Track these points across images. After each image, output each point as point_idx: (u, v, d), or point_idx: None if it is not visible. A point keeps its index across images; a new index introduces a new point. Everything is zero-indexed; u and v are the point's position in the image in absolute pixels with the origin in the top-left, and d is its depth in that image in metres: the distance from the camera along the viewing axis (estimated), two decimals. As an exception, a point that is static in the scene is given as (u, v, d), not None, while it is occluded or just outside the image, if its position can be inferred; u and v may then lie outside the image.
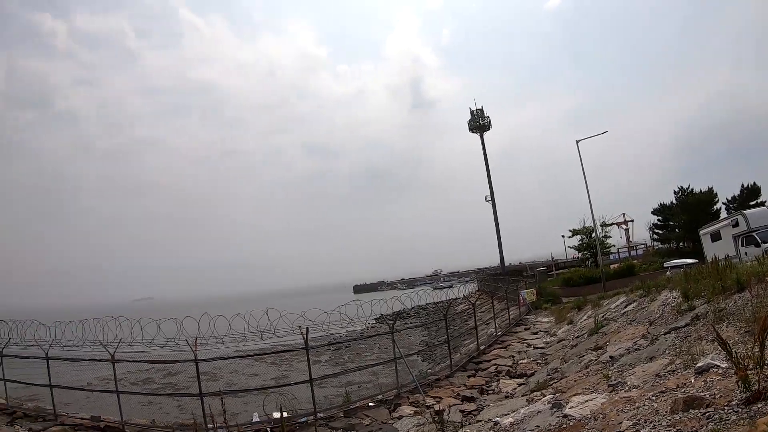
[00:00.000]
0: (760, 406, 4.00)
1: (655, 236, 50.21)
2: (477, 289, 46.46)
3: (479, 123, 57.36)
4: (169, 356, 13.56)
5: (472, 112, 57.70)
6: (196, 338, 12.58)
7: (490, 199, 55.31)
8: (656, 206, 49.20)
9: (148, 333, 13.92)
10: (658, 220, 49.06)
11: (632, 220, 50.07)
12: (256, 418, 12.65)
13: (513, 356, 17.30)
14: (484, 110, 57.59)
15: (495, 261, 63.29)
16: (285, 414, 11.90)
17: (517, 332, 21.93)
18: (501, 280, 38.97)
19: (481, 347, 18.66)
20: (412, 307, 32.39)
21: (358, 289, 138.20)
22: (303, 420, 12.20)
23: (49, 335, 15.56)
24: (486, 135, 57.56)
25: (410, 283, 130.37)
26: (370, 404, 13.32)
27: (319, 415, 12.42)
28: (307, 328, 12.66)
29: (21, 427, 14.03)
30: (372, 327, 28.61)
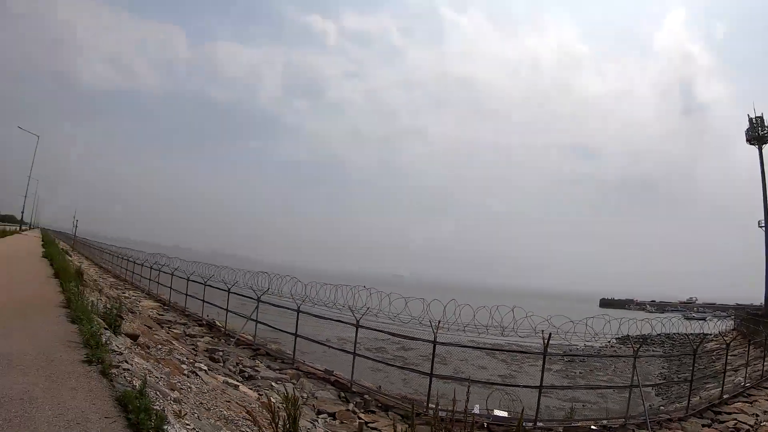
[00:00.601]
0: None
1: None
2: (733, 327, 41.17)
3: (758, 133, 51.36)
4: (409, 332, 14.42)
5: (750, 120, 52.01)
6: (439, 321, 13.29)
7: (764, 225, 49.08)
8: None
9: (395, 307, 15.02)
10: None
11: None
12: (476, 410, 12.84)
13: (757, 415, 15.55)
14: (765, 118, 51.37)
15: (758, 298, 56.09)
16: (506, 413, 12.44)
17: (768, 388, 19.64)
18: (762, 323, 34.53)
19: (725, 396, 17.21)
20: (658, 334, 30.84)
21: (605, 303, 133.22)
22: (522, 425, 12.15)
23: (304, 292, 17.80)
24: (765, 148, 50.95)
25: (660, 307, 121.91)
26: (593, 427, 13.16)
27: (539, 424, 12.53)
28: (550, 334, 12.75)
29: (261, 363, 16.50)
30: (611, 346, 27.96)
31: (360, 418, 12.58)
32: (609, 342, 22.49)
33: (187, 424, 5.55)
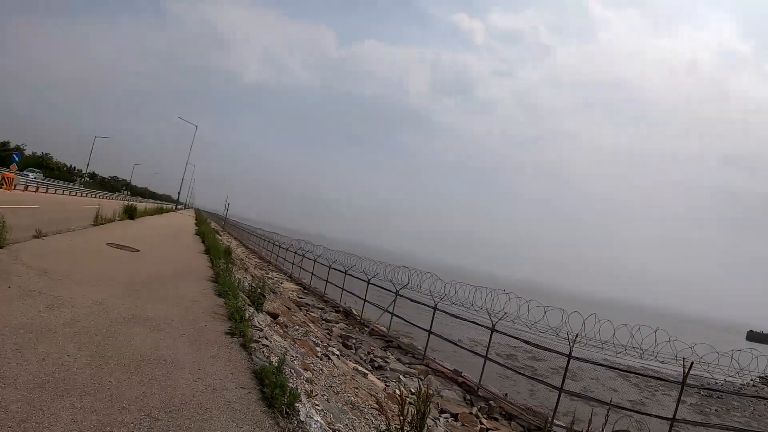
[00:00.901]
0: None
1: None
2: None
3: None
4: (543, 342, 14.35)
5: None
6: (577, 335, 13.23)
7: None
8: None
9: (533, 315, 15.09)
10: None
11: None
12: None
13: None
14: None
15: None
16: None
17: None
18: None
19: None
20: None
21: (753, 336, 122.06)
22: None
23: (443, 290, 18.27)
24: None
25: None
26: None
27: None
28: (692, 363, 12.24)
29: (392, 355, 17.28)
30: (754, 385, 25.25)
31: (482, 423, 12.58)
32: (752, 380, 19.91)
33: (317, 405, 5.72)
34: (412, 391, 12.65)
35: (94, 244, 12.85)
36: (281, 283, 29.29)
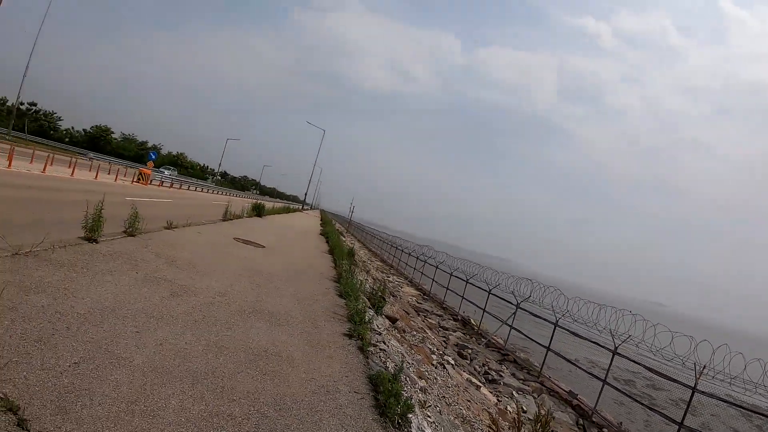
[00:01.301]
0: None
1: None
2: None
3: None
4: (666, 371, 13.79)
5: None
6: (704, 367, 12.56)
7: None
8: None
9: (659, 340, 14.58)
10: None
11: None
12: None
13: None
14: None
15: None
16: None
17: None
18: None
19: None
20: None
21: None
22: None
23: (566, 306, 18.02)
24: None
25: None
26: None
27: None
28: None
29: (506, 369, 17.27)
30: None
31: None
32: None
33: (428, 416, 5.70)
34: (524, 409, 12.52)
35: (222, 237, 13.57)
36: (401, 287, 30.17)
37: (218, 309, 6.15)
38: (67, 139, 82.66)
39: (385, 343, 7.40)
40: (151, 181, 38.72)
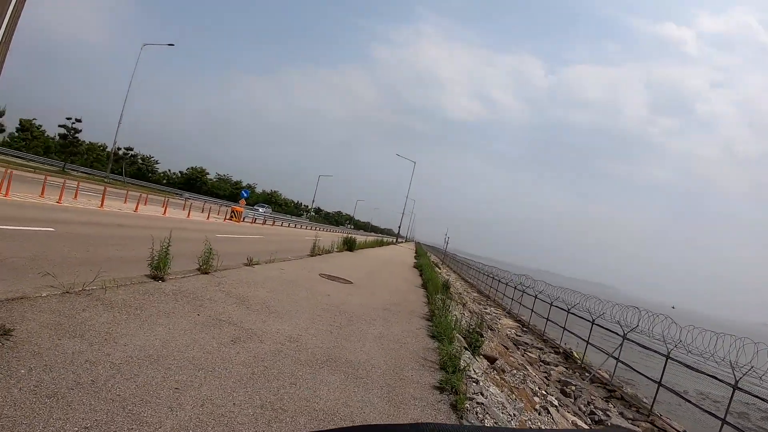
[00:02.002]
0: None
1: None
2: None
3: None
4: None
5: None
6: None
7: None
8: None
9: None
10: None
11: None
12: None
13: None
14: None
15: None
16: None
17: None
18: None
19: None
20: None
21: None
22: None
23: (679, 336, 16.64)
24: None
25: None
26: None
27: None
28: None
29: (614, 407, 16.16)
30: None
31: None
32: None
33: None
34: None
35: (306, 274, 13.04)
36: (499, 320, 29.49)
37: (285, 358, 5.32)
38: (164, 181, 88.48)
39: (482, 393, 6.39)
40: (243, 218, 40.11)
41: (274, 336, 6.02)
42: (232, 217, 38.72)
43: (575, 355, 22.80)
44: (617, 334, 19.41)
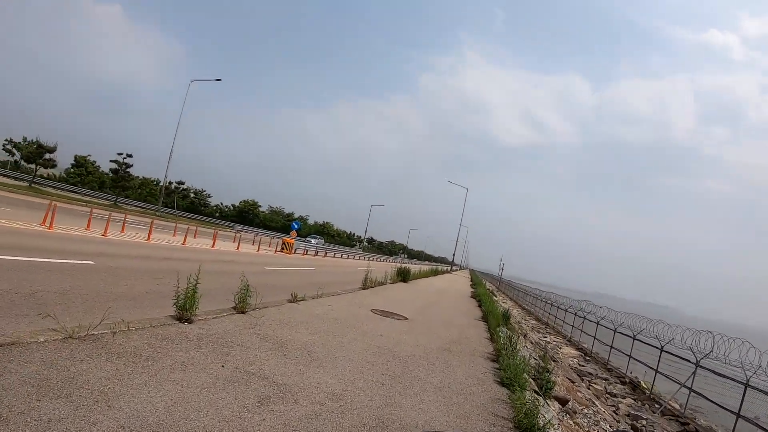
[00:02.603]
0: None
1: None
2: None
3: None
4: None
5: None
6: None
7: None
8: None
9: None
10: None
11: None
12: None
13: None
14: None
15: None
16: None
17: None
18: None
19: None
20: None
21: None
22: None
23: (758, 361, 15.52)
24: None
25: None
26: None
27: None
28: None
29: None
30: None
31: None
32: None
33: None
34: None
35: (357, 310, 12.09)
36: (560, 348, 28.76)
37: (324, 426, 4.18)
38: (217, 214, 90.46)
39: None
40: (295, 250, 39.82)
41: (313, 393, 4.93)
42: (283, 249, 38.84)
43: (643, 385, 21.77)
44: (689, 362, 18.35)
